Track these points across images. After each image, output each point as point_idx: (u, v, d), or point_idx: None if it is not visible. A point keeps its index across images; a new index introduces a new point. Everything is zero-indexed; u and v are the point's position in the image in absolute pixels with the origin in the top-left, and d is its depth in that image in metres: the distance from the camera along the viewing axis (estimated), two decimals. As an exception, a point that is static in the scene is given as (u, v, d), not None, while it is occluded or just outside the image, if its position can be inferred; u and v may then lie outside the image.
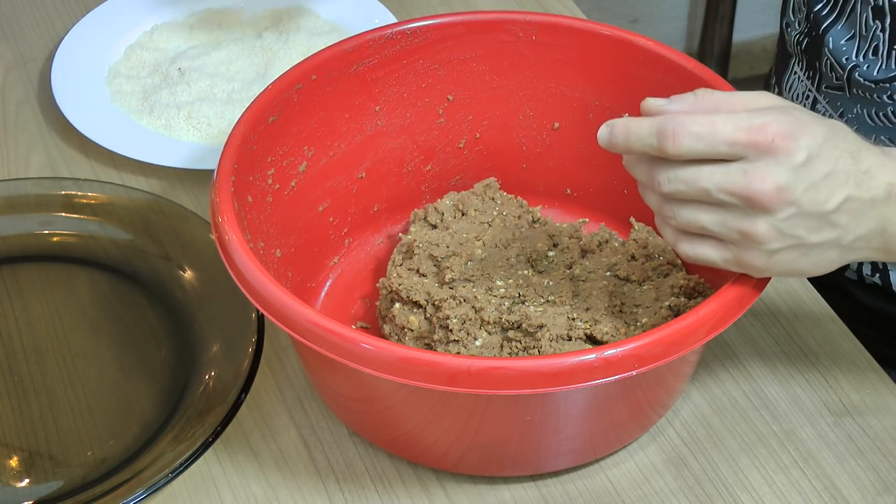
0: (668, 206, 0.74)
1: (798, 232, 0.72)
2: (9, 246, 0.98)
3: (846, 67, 0.98)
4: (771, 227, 0.72)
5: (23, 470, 0.84)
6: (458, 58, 0.95)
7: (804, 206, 0.71)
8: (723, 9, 2.33)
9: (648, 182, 0.74)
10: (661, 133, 0.71)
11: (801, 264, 0.74)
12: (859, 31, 0.97)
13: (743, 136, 0.70)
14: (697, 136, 0.70)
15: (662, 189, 0.73)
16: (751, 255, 0.73)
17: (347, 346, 0.72)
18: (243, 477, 0.85)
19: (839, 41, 0.99)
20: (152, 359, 0.91)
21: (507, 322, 0.83)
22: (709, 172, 0.71)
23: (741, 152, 0.70)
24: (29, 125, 1.11)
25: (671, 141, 0.71)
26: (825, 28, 1.00)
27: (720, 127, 0.70)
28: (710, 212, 0.73)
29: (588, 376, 0.71)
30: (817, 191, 0.71)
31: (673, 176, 0.72)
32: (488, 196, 0.96)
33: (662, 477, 0.84)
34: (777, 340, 0.93)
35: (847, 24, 0.98)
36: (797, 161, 0.70)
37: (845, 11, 0.98)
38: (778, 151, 0.70)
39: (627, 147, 0.73)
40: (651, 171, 0.73)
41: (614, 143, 0.74)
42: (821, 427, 0.87)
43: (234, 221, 0.79)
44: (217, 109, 1.09)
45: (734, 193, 0.71)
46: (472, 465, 0.83)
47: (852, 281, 1.06)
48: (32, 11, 1.23)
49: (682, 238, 0.75)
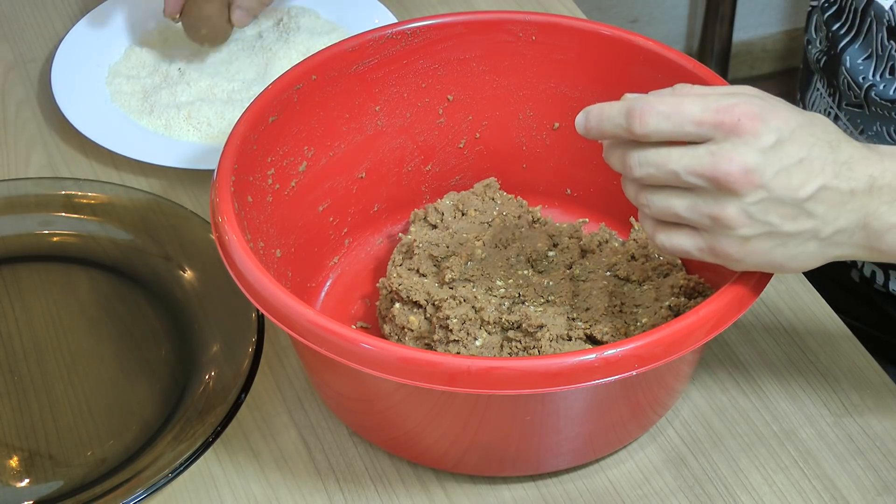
0: (643, 194, 0.73)
1: (770, 218, 0.71)
2: (9, 246, 0.98)
3: (863, 87, 0.98)
4: (740, 211, 0.70)
5: (23, 470, 0.84)
6: (458, 58, 0.95)
7: (775, 190, 0.70)
8: (723, 9, 2.33)
9: (622, 169, 0.73)
10: (629, 113, 0.71)
11: (777, 255, 0.73)
12: (875, 51, 0.97)
13: (710, 115, 0.69)
14: (664, 116, 0.70)
15: (634, 174, 0.72)
16: (724, 241, 0.72)
17: (347, 346, 0.72)
18: (243, 477, 0.85)
19: (856, 60, 0.99)
20: (152, 359, 0.91)
21: (507, 322, 0.83)
22: (678, 154, 0.70)
23: (708, 133, 0.70)
24: (29, 125, 1.11)
25: (638, 120, 0.70)
26: (842, 47, 1.00)
27: (687, 107, 0.70)
28: (681, 197, 0.72)
29: (588, 376, 0.71)
30: (789, 176, 0.70)
31: (643, 159, 0.71)
32: (488, 196, 0.96)
33: (662, 477, 0.84)
34: (777, 340, 0.93)
35: (864, 44, 0.98)
36: (765, 143, 0.69)
37: (862, 31, 0.98)
38: (744, 132, 0.69)
39: (600, 130, 0.73)
40: (624, 156, 0.73)
41: (588, 128, 0.73)
42: (821, 427, 0.87)
43: (234, 221, 0.79)
44: (217, 109, 1.09)
45: (702, 175, 0.70)
46: (472, 465, 0.83)
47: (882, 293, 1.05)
48: (32, 11, 1.23)
49: (658, 228, 0.74)
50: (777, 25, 2.46)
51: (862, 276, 1.08)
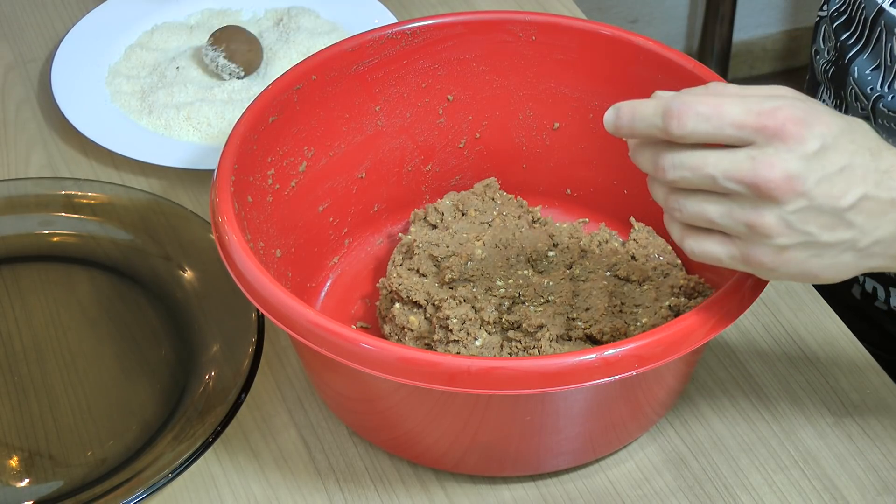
0: (674, 197, 0.70)
1: (809, 228, 0.68)
2: (9, 246, 0.98)
3: (871, 97, 0.96)
4: (779, 220, 0.67)
5: (23, 470, 0.84)
6: (458, 58, 0.95)
7: (816, 199, 0.67)
8: (723, 9, 2.33)
9: (653, 171, 0.70)
10: (667, 112, 0.67)
11: (812, 266, 0.70)
12: (884, 62, 0.96)
13: (752, 118, 0.66)
14: (703, 117, 0.67)
15: (667, 176, 0.69)
16: (758, 250, 0.69)
17: (347, 346, 0.72)
18: (243, 477, 0.85)
19: (864, 71, 0.97)
20: (152, 359, 0.91)
21: (507, 322, 0.84)
22: (715, 158, 0.67)
23: (749, 137, 0.67)
24: (29, 125, 1.11)
25: (676, 120, 0.67)
26: (851, 57, 0.98)
27: (728, 109, 0.67)
28: (716, 202, 0.69)
29: (588, 376, 0.71)
30: (831, 184, 0.67)
31: (678, 161, 0.68)
32: (488, 196, 0.96)
33: (662, 477, 0.84)
34: (777, 340, 0.93)
35: (872, 55, 0.97)
36: (809, 150, 0.66)
37: (871, 41, 0.97)
38: (789, 137, 0.66)
39: (632, 129, 0.70)
40: (656, 157, 0.69)
41: (620, 126, 0.70)
42: (821, 427, 0.87)
43: (234, 221, 0.79)
44: (217, 109, 1.09)
45: (741, 180, 0.67)
46: (472, 465, 0.83)
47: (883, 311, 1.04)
48: (32, 11, 1.23)
49: (688, 233, 0.71)
50: (777, 25, 2.46)
51: (864, 291, 1.07)
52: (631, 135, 0.70)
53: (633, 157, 0.72)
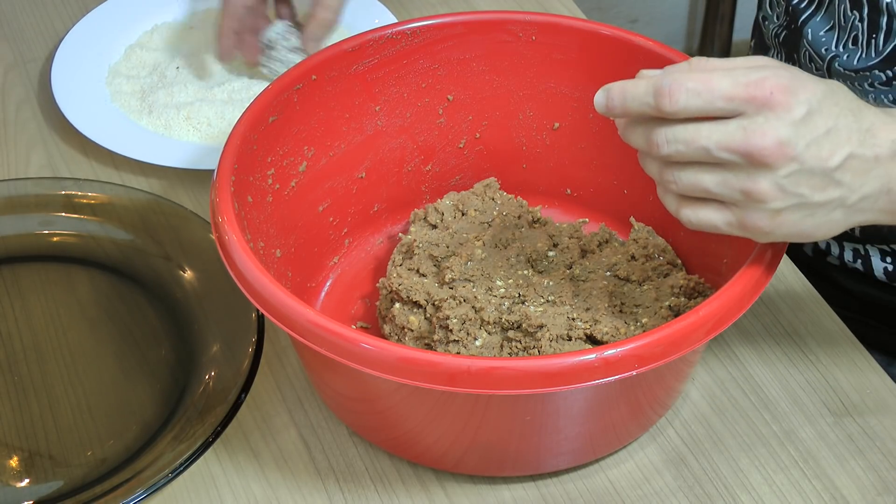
0: (669, 170, 0.73)
1: (801, 190, 0.71)
2: (9, 246, 0.98)
3: (825, 58, 0.98)
4: (773, 185, 0.70)
5: (23, 470, 0.84)
6: (458, 58, 0.95)
7: (806, 162, 0.70)
8: (723, 9, 2.33)
9: (647, 147, 0.72)
10: (658, 91, 0.70)
11: (805, 226, 0.73)
12: (838, 22, 0.98)
13: (741, 90, 0.69)
14: (694, 92, 0.69)
15: (661, 151, 0.71)
16: (754, 215, 0.72)
17: (347, 346, 0.72)
18: (243, 477, 0.85)
19: (818, 32, 0.99)
20: (152, 359, 0.91)
21: (507, 322, 0.83)
22: (708, 130, 0.70)
23: (739, 108, 0.69)
24: (29, 125, 1.11)
25: (667, 98, 0.70)
26: (804, 20, 1.00)
27: (717, 83, 0.69)
28: (711, 172, 0.71)
29: (588, 376, 0.71)
30: (819, 147, 0.70)
31: (671, 136, 0.71)
32: (488, 196, 0.96)
33: (662, 477, 0.84)
34: (777, 340, 0.93)
35: (826, 16, 0.99)
36: (797, 116, 0.69)
37: (823, 4, 0.99)
38: (777, 106, 0.69)
39: (624, 108, 0.72)
40: (649, 134, 0.72)
41: (611, 107, 0.72)
42: (821, 427, 0.87)
43: (234, 221, 0.79)
44: (217, 109, 1.09)
45: (734, 150, 0.70)
46: (472, 465, 0.83)
47: (835, 266, 1.07)
48: (32, 11, 1.23)
49: (684, 204, 0.74)
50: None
51: (816, 248, 1.08)
52: (623, 114, 0.73)
53: (623, 135, 0.74)
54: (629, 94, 0.71)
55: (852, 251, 1.04)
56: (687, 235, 0.92)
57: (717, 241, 0.86)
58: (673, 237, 0.93)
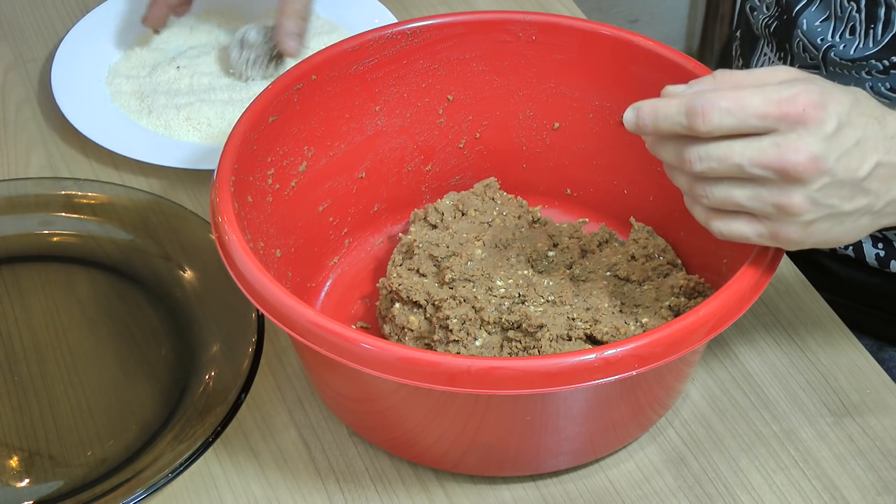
0: (700, 185, 0.73)
1: (832, 201, 0.72)
2: (9, 246, 0.98)
3: (821, 48, 0.99)
4: (806, 199, 0.71)
5: (23, 470, 0.84)
6: (458, 58, 0.95)
7: (838, 174, 0.71)
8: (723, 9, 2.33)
9: (678, 163, 0.73)
10: (691, 111, 0.70)
11: (835, 233, 0.74)
12: (834, 13, 0.98)
13: (773, 108, 0.70)
14: (727, 112, 0.70)
15: (694, 168, 0.72)
16: (787, 228, 0.73)
17: (347, 346, 0.72)
18: (243, 477, 0.85)
19: (814, 22, 1.00)
20: (152, 359, 0.91)
21: (507, 322, 0.83)
22: (741, 148, 0.70)
23: (772, 125, 0.70)
24: (29, 125, 1.11)
25: (701, 118, 0.70)
26: (798, 10, 1.01)
27: (749, 101, 0.70)
28: (743, 188, 0.72)
29: (588, 376, 0.71)
30: (849, 158, 0.71)
31: (704, 154, 0.71)
32: (488, 196, 0.96)
33: (662, 477, 0.84)
34: (777, 340, 0.93)
35: (822, 6, 1.00)
36: (828, 130, 0.70)
37: None
38: (809, 122, 0.70)
39: (656, 128, 0.72)
40: (680, 151, 0.72)
41: (641, 126, 0.73)
42: (821, 427, 0.87)
43: (234, 221, 0.79)
44: (217, 109, 1.09)
45: (768, 167, 0.70)
46: (472, 465, 0.83)
47: (825, 253, 1.07)
48: (32, 11, 1.23)
49: (714, 216, 0.74)
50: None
51: None
52: (654, 133, 0.73)
53: (652, 150, 0.75)
54: (661, 114, 0.72)
55: None
56: (687, 235, 0.92)
57: (718, 242, 0.86)
58: (673, 237, 0.93)
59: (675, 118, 0.71)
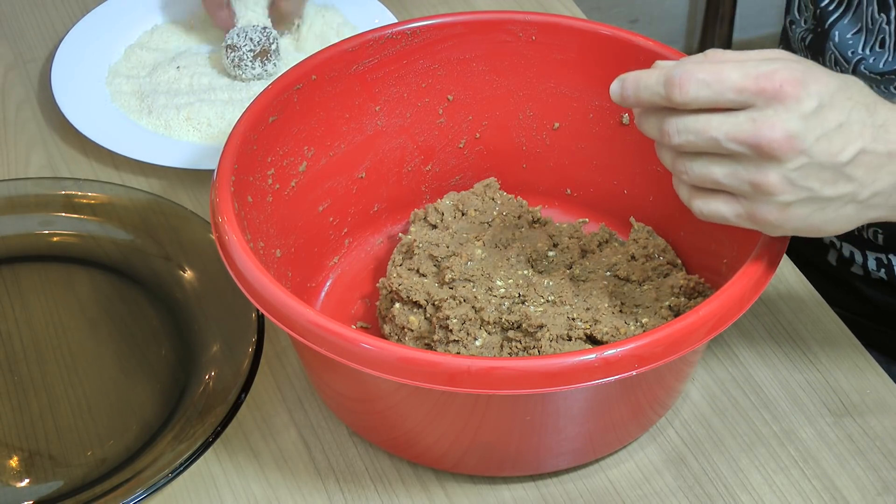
0: (681, 160, 0.73)
1: (811, 184, 0.71)
2: (9, 246, 0.98)
3: (851, 61, 0.98)
4: (782, 178, 0.70)
5: (23, 470, 0.84)
6: (458, 58, 0.95)
7: (816, 155, 0.70)
8: (723, 9, 2.33)
9: (659, 136, 0.73)
10: (668, 81, 0.70)
11: (815, 219, 0.73)
12: (865, 25, 0.98)
13: (750, 82, 0.69)
14: (704, 83, 0.70)
15: (672, 141, 0.72)
16: (763, 208, 0.72)
17: (347, 346, 0.72)
18: (243, 477, 0.85)
19: (845, 35, 0.99)
20: (152, 359, 0.91)
21: (507, 322, 0.83)
22: (718, 121, 0.70)
23: (749, 100, 0.69)
24: (29, 125, 1.11)
25: (678, 88, 0.70)
26: (831, 23, 1.00)
27: (727, 74, 0.69)
28: (721, 164, 0.71)
29: (588, 376, 0.71)
30: (830, 141, 0.70)
31: (682, 126, 0.71)
32: (488, 196, 0.96)
33: (662, 477, 0.84)
34: (777, 341, 0.93)
35: (854, 19, 0.99)
36: (807, 109, 0.69)
37: (852, 5, 0.99)
38: (786, 98, 0.69)
39: (637, 98, 0.72)
40: (661, 123, 0.72)
41: (625, 96, 0.73)
42: (821, 427, 0.87)
43: (234, 221, 0.79)
44: (217, 109, 1.09)
45: (743, 142, 0.70)
46: (472, 465, 0.83)
47: (858, 276, 1.07)
48: (32, 11, 1.23)
49: (695, 194, 0.74)
50: (777, 25, 2.46)
51: (840, 257, 1.08)
52: (636, 104, 0.73)
53: (638, 124, 0.75)
54: (642, 84, 0.72)
55: (875, 261, 1.04)
56: (687, 235, 0.92)
57: (718, 241, 0.86)
58: (673, 237, 0.93)
59: (654, 88, 0.71)
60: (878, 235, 1.03)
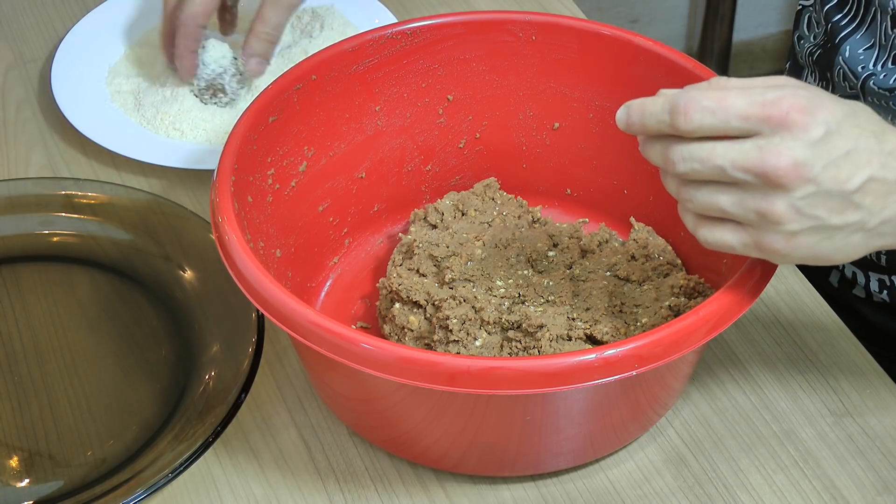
0: (686, 188, 0.72)
1: (818, 212, 0.69)
2: (9, 246, 0.98)
3: (860, 76, 0.97)
4: (789, 207, 0.69)
5: (23, 470, 0.84)
6: (458, 58, 0.95)
7: (824, 184, 0.68)
8: (723, 9, 2.33)
9: (664, 164, 0.72)
10: (674, 109, 0.69)
11: (823, 248, 0.71)
12: (879, 41, 0.97)
13: (756, 109, 0.68)
14: (709, 111, 0.68)
15: (677, 169, 0.70)
16: (770, 237, 0.70)
17: (347, 346, 0.72)
18: (243, 477, 0.85)
19: (857, 50, 0.98)
20: (152, 359, 0.91)
21: (507, 322, 0.84)
22: (723, 149, 0.69)
23: (755, 127, 0.68)
24: (29, 125, 1.11)
25: (682, 116, 0.69)
26: (842, 38, 0.99)
27: (732, 101, 0.68)
28: (727, 192, 0.70)
29: (588, 376, 0.71)
30: (837, 169, 0.69)
31: (687, 154, 0.70)
32: (488, 196, 0.96)
33: (662, 477, 0.84)
34: (777, 341, 0.93)
35: (867, 34, 0.98)
36: (814, 136, 0.68)
37: (865, 21, 0.98)
38: (793, 126, 0.68)
39: (643, 125, 0.71)
40: (666, 151, 0.71)
41: (631, 123, 0.72)
42: (821, 427, 0.87)
43: (234, 221, 0.79)
44: (217, 110, 1.09)
45: (750, 170, 0.68)
46: (472, 465, 0.83)
47: (860, 299, 1.06)
48: (32, 11, 1.24)
49: (701, 223, 0.73)
50: (777, 25, 2.47)
51: (843, 278, 1.08)
52: (641, 131, 0.72)
53: (643, 151, 0.73)
54: (647, 112, 0.71)
55: (878, 283, 1.03)
56: (687, 235, 0.91)
57: (717, 241, 0.87)
58: (673, 237, 0.93)
59: (659, 116, 0.70)
60: (880, 257, 1.02)
